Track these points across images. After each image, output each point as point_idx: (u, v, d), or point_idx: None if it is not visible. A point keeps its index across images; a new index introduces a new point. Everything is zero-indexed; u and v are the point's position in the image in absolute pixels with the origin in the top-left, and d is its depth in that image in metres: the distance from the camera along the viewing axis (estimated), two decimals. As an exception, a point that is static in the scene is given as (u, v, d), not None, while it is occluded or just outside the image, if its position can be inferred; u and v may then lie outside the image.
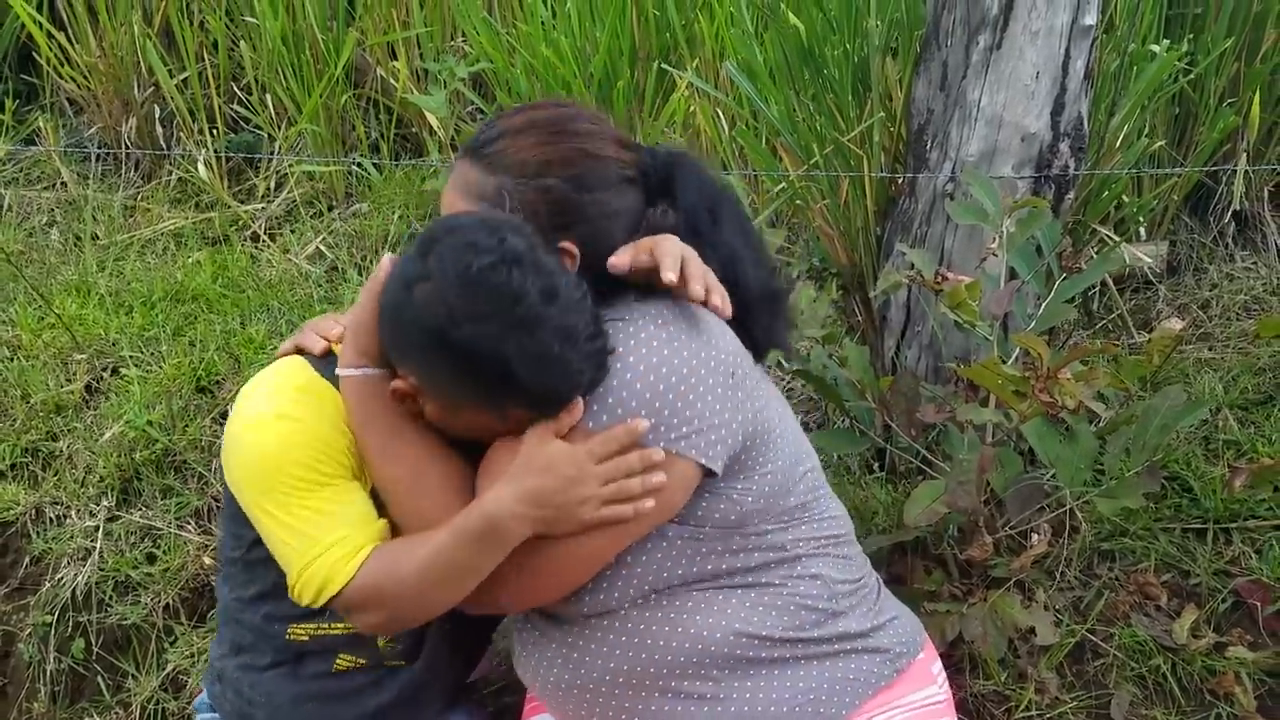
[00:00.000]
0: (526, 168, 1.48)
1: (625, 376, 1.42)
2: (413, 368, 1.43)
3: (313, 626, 1.60)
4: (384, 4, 3.89)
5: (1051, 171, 2.35)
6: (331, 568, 1.44)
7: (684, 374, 1.43)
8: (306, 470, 1.46)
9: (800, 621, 1.54)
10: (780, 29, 2.70)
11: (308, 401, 1.50)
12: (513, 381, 1.35)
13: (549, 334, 1.34)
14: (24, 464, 2.73)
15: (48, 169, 3.92)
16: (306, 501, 1.46)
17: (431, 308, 1.36)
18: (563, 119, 1.53)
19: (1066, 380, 1.90)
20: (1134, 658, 2.18)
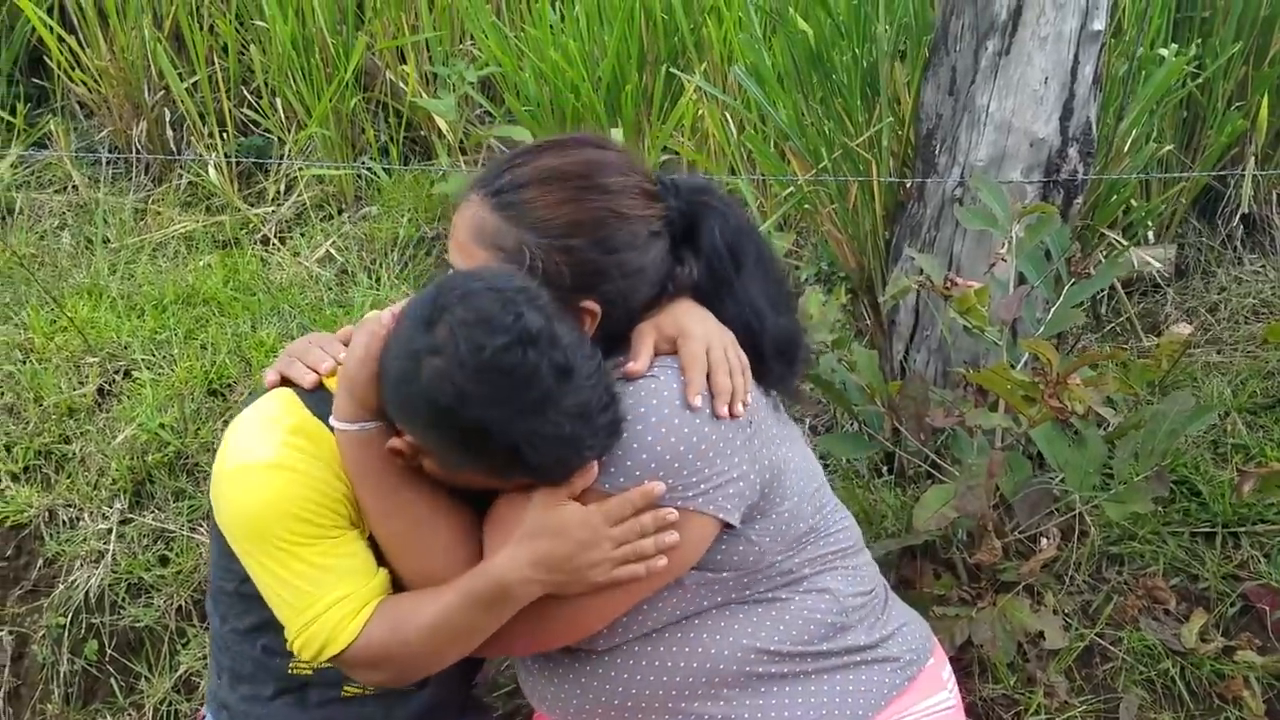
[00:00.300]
0: (551, 227, 1.43)
1: (646, 438, 1.40)
2: (417, 435, 1.38)
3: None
4: (393, 8, 3.90)
5: (1060, 176, 2.36)
6: (334, 628, 1.40)
7: (705, 433, 1.42)
8: (302, 524, 1.40)
9: (809, 635, 1.53)
10: (788, 33, 2.71)
11: (302, 446, 1.43)
12: (522, 461, 1.32)
13: (561, 415, 1.30)
14: (37, 467, 2.75)
15: (59, 173, 3.94)
16: (303, 555, 1.40)
17: (441, 385, 1.30)
18: (590, 170, 1.47)
19: (1075, 385, 1.90)
20: (1142, 662, 2.18)
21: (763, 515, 1.50)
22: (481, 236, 1.44)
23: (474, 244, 1.45)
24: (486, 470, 1.37)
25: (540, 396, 1.29)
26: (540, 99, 3.46)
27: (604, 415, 1.35)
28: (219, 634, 1.63)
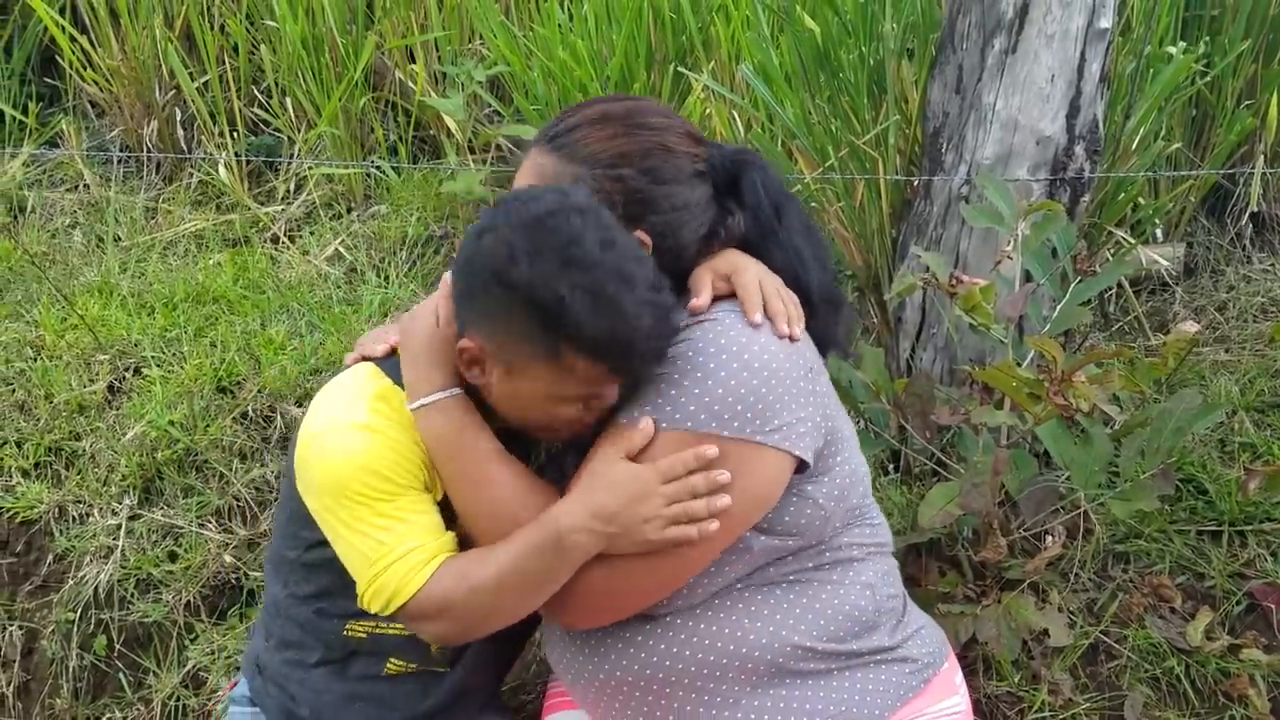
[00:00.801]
0: (602, 158, 1.51)
1: (719, 374, 1.44)
2: (477, 318, 1.44)
3: (370, 624, 1.62)
4: (402, 7, 3.91)
5: (1067, 174, 2.36)
6: (403, 576, 1.45)
7: (773, 368, 1.46)
8: (383, 480, 1.47)
9: (843, 632, 1.55)
10: (795, 32, 2.72)
11: (384, 410, 1.51)
12: (567, 318, 1.36)
13: (604, 274, 1.36)
14: (47, 463, 2.76)
15: (70, 171, 3.96)
16: (380, 509, 1.46)
17: (495, 249, 1.39)
18: (637, 112, 1.56)
19: (1081, 383, 1.90)
20: (1148, 660, 2.18)
21: (825, 472, 1.53)
22: (540, 179, 1.52)
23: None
24: (535, 347, 1.40)
25: (583, 254, 1.36)
26: (548, 98, 3.47)
27: (650, 292, 1.39)
28: (276, 599, 1.68)
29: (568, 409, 1.46)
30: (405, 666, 1.65)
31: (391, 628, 1.61)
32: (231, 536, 2.60)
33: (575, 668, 1.60)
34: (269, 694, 1.69)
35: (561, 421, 1.48)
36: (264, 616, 1.74)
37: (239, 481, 2.66)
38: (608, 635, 1.55)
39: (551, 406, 1.46)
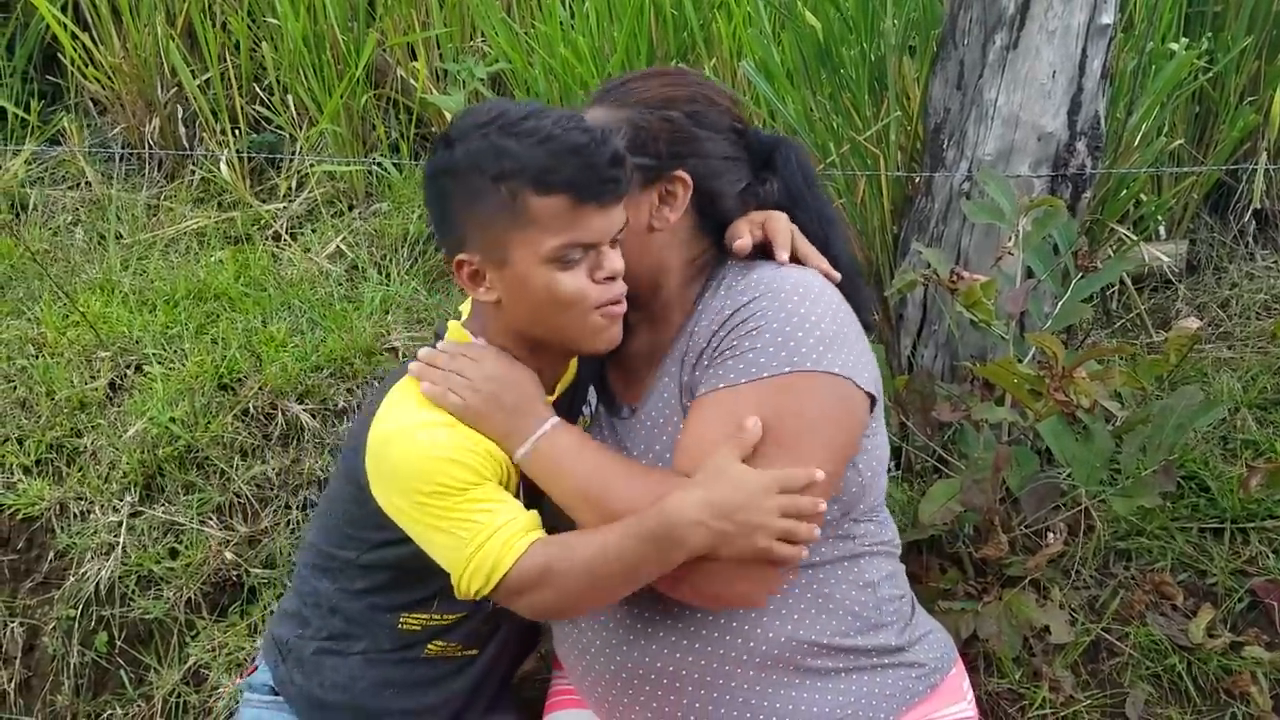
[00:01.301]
0: (651, 101, 1.59)
1: (802, 309, 1.48)
2: (453, 228, 1.51)
3: (424, 617, 1.65)
4: (404, 5, 3.91)
5: (1068, 171, 2.36)
6: (500, 550, 1.47)
7: (844, 308, 1.55)
8: (465, 470, 1.49)
9: (847, 628, 1.56)
10: (797, 29, 2.71)
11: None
12: (505, 164, 1.42)
13: (521, 115, 1.45)
14: (49, 460, 2.76)
15: (72, 169, 3.96)
16: (468, 495, 1.49)
17: (432, 160, 1.51)
18: (684, 70, 1.67)
19: (1081, 380, 1.90)
20: (1149, 657, 2.18)
21: (872, 435, 1.59)
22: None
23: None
24: (504, 210, 1.44)
25: (504, 118, 1.45)
26: (550, 95, 3.47)
27: (577, 122, 1.46)
28: (321, 593, 1.70)
29: (571, 277, 1.47)
30: (442, 648, 1.69)
31: (446, 617, 1.65)
32: (232, 534, 2.60)
33: (586, 661, 1.60)
34: (293, 681, 1.71)
35: (584, 301, 1.48)
36: (299, 608, 1.75)
37: (240, 479, 2.66)
38: (620, 628, 1.56)
39: (554, 277, 1.47)
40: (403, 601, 1.64)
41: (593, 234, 1.46)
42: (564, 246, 1.45)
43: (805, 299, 1.50)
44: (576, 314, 1.49)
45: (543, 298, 1.48)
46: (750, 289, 1.52)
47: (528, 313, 1.52)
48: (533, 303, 1.50)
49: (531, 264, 1.46)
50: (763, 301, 1.50)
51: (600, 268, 1.49)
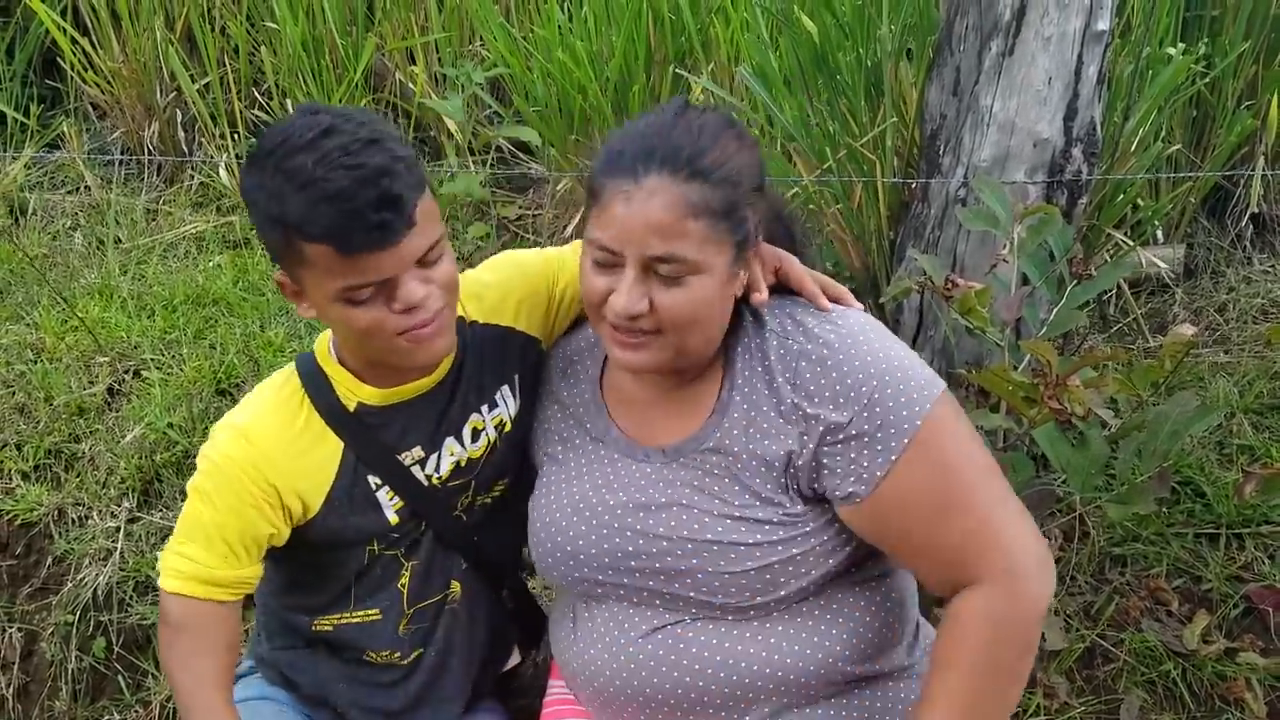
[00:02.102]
0: (745, 173, 1.45)
1: (890, 349, 1.47)
2: (267, 246, 1.46)
3: (335, 618, 1.65)
4: (402, 9, 3.92)
5: (1064, 177, 2.36)
6: (168, 570, 1.52)
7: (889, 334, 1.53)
8: (225, 487, 1.51)
9: (871, 650, 1.54)
10: (794, 34, 2.71)
11: (275, 415, 1.55)
12: (273, 209, 1.36)
13: (291, 151, 1.35)
14: (47, 465, 2.77)
15: (71, 173, 3.97)
16: (205, 515, 1.51)
17: (243, 182, 1.43)
18: (729, 117, 1.52)
19: (1075, 387, 1.90)
20: (1144, 663, 2.18)
21: None
22: (692, 209, 1.40)
23: (688, 220, 1.40)
24: (286, 253, 1.39)
25: (282, 146, 1.36)
26: (548, 99, 3.48)
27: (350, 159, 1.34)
28: (259, 593, 1.70)
29: (364, 312, 1.40)
30: (378, 658, 1.67)
31: (354, 616, 1.63)
32: (230, 539, 2.60)
33: (599, 682, 1.57)
34: (266, 678, 1.74)
35: (382, 332, 1.42)
36: (255, 610, 1.79)
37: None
38: (639, 651, 1.53)
39: (346, 313, 1.41)
40: (311, 604, 1.64)
41: (374, 275, 1.37)
42: (345, 290, 1.38)
43: (874, 342, 1.48)
44: (380, 341, 1.44)
45: (342, 328, 1.46)
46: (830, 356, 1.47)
47: (339, 335, 1.52)
48: (337, 330, 1.50)
49: (323, 300, 1.41)
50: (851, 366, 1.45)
51: (395, 300, 1.40)
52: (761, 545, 1.46)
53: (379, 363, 1.52)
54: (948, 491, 1.43)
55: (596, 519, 1.56)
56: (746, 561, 1.46)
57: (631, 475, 1.57)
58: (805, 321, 1.52)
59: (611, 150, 1.45)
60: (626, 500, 1.55)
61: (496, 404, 1.66)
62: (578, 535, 1.57)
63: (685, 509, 1.51)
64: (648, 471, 1.56)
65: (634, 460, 1.58)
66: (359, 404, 1.55)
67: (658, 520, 1.51)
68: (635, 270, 1.41)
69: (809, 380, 1.47)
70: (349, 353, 1.54)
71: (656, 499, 1.53)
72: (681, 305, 1.43)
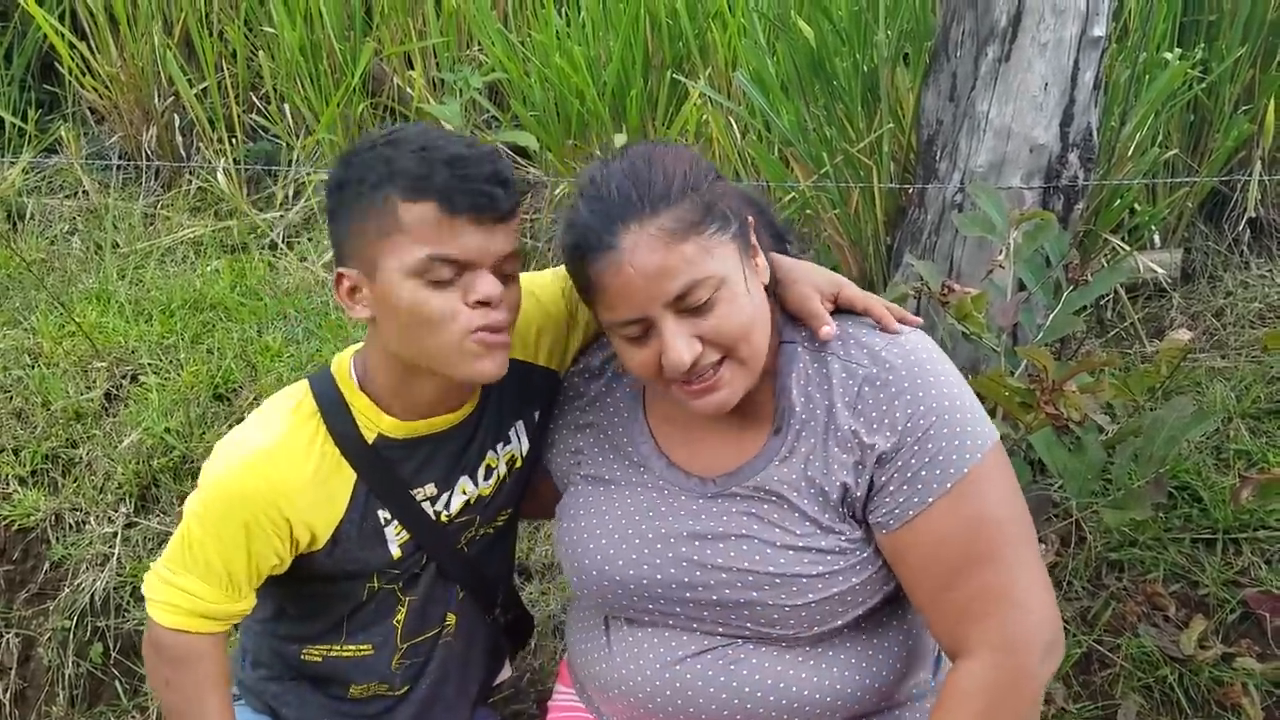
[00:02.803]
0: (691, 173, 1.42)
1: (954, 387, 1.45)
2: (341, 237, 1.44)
3: (324, 648, 1.61)
4: (400, 14, 3.92)
5: (1060, 182, 2.36)
6: (163, 604, 1.48)
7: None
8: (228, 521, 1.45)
9: (903, 671, 1.53)
10: (791, 40, 2.72)
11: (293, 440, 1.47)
12: (379, 166, 1.37)
13: (405, 132, 1.41)
14: (44, 470, 2.77)
15: (69, 178, 3.97)
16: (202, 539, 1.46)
17: (340, 171, 1.44)
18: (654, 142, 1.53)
19: (1071, 392, 1.90)
20: (1141, 668, 2.18)
21: None
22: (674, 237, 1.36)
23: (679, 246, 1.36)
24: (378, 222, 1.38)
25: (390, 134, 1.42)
26: (545, 104, 3.48)
27: (463, 138, 1.41)
28: (247, 625, 1.70)
29: (440, 296, 1.37)
30: (367, 690, 1.64)
31: (345, 650, 1.60)
32: (227, 544, 2.60)
33: (642, 694, 1.53)
34: (251, 706, 1.70)
35: (453, 324, 1.38)
36: (240, 637, 1.75)
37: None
38: (688, 671, 1.50)
39: (420, 293, 1.37)
40: (300, 633, 1.60)
41: (462, 250, 1.36)
42: (430, 259, 1.35)
43: (939, 374, 1.45)
44: (446, 337, 1.38)
45: (409, 315, 1.38)
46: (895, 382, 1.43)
47: (397, 331, 1.41)
48: (401, 320, 1.39)
49: (398, 276, 1.37)
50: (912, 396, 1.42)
51: (473, 290, 1.38)
52: (824, 576, 1.43)
53: (422, 378, 1.46)
54: (975, 545, 1.40)
55: (649, 548, 1.51)
56: (809, 594, 1.43)
57: (684, 504, 1.52)
58: (870, 344, 1.48)
59: (575, 242, 1.39)
60: (681, 529, 1.50)
61: (510, 440, 1.63)
62: (627, 564, 1.51)
63: (745, 539, 1.46)
64: (700, 501, 1.51)
65: (683, 489, 1.53)
66: (379, 435, 1.50)
67: (715, 551, 1.46)
68: (669, 320, 1.37)
69: (870, 406, 1.43)
70: (386, 368, 1.48)
71: (715, 529, 1.48)
72: (726, 321, 1.38)
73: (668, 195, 1.37)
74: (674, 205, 1.36)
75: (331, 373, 1.53)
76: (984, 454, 1.40)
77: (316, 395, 1.50)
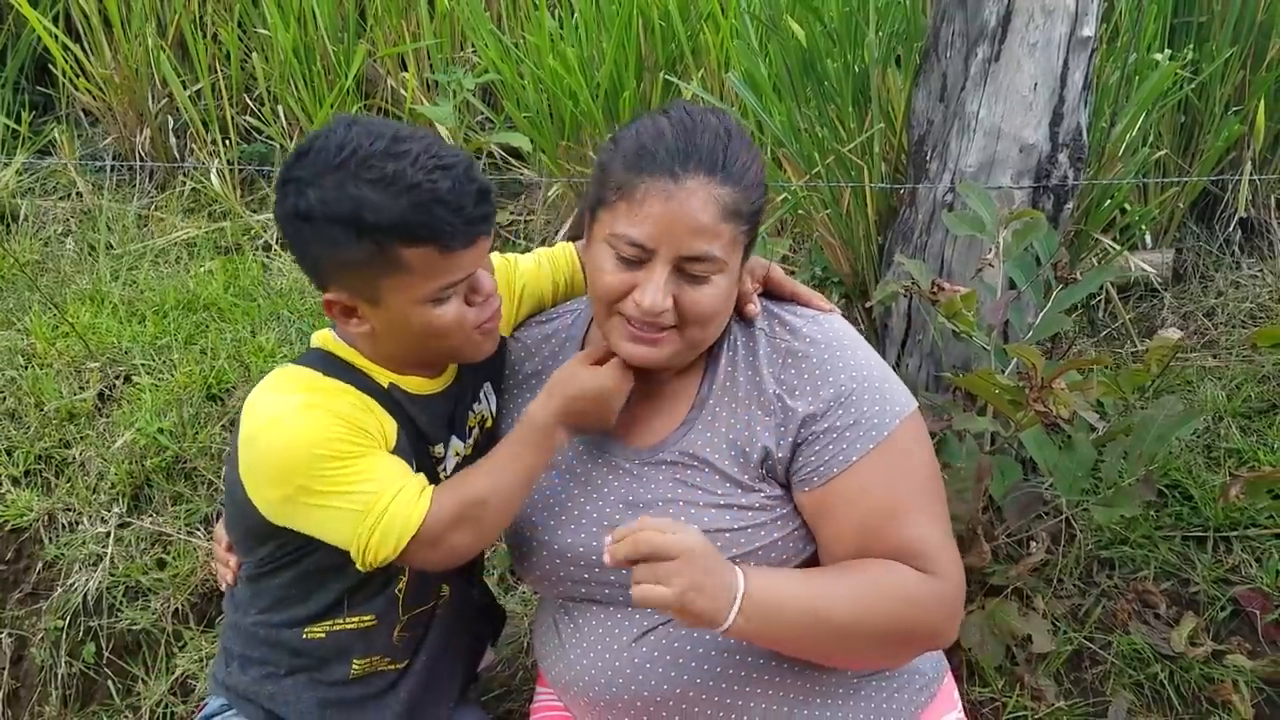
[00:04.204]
0: (760, 177, 1.51)
1: (872, 358, 1.57)
2: (322, 268, 1.44)
3: (328, 624, 1.62)
4: (394, 16, 3.93)
5: (1050, 182, 2.37)
6: (407, 511, 1.46)
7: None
8: (346, 444, 1.46)
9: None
10: (782, 41, 2.72)
11: (320, 389, 1.50)
12: (368, 216, 1.36)
13: (379, 160, 1.37)
14: (37, 471, 2.77)
15: (63, 179, 3.97)
16: (354, 467, 1.45)
17: (285, 199, 1.41)
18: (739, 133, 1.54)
19: (1060, 390, 1.91)
20: (1132, 665, 2.19)
21: None
22: (726, 212, 1.45)
23: (721, 222, 1.45)
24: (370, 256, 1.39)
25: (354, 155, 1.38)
26: (539, 105, 3.49)
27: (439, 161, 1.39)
28: (233, 621, 1.70)
29: (449, 308, 1.45)
30: (368, 665, 1.65)
31: (348, 622, 1.61)
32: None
33: (596, 689, 1.56)
34: (245, 712, 1.68)
35: (462, 327, 1.47)
36: (224, 640, 1.74)
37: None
38: (633, 655, 1.53)
39: (431, 314, 1.45)
40: (301, 615, 1.61)
41: (467, 270, 1.44)
42: (440, 289, 1.43)
43: (858, 348, 1.56)
44: (455, 338, 1.49)
45: (422, 330, 1.47)
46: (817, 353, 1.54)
47: (406, 341, 1.50)
48: (411, 335, 1.48)
49: (407, 305, 1.44)
50: (834, 366, 1.53)
51: (477, 291, 1.48)
52: (745, 530, 1.50)
53: (428, 364, 1.56)
54: (896, 499, 1.48)
55: (585, 516, 1.58)
56: (732, 549, 1.48)
57: (615, 472, 1.60)
58: (792, 322, 1.59)
59: (641, 148, 1.45)
60: (613, 498, 1.57)
61: (480, 400, 1.69)
62: (565, 533, 1.58)
63: (671, 503, 1.53)
64: (629, 469, 1.59)
65: (615, 457, 1.61)
66: (390, 384, 1.55)
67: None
68: (667, 267, 1.44)
69: (794, 375, 1.53)
70: (390, 358, 1.54)
71: (644, 496, 1.55)
72: (706, 302, 1.47)
73: (742, 180, 1.46)
74: (739, 189, 1.45)
75: (319, 346, 1.57)
76: (903, 419, 1.51)
77: (311, 364, 1.54)
